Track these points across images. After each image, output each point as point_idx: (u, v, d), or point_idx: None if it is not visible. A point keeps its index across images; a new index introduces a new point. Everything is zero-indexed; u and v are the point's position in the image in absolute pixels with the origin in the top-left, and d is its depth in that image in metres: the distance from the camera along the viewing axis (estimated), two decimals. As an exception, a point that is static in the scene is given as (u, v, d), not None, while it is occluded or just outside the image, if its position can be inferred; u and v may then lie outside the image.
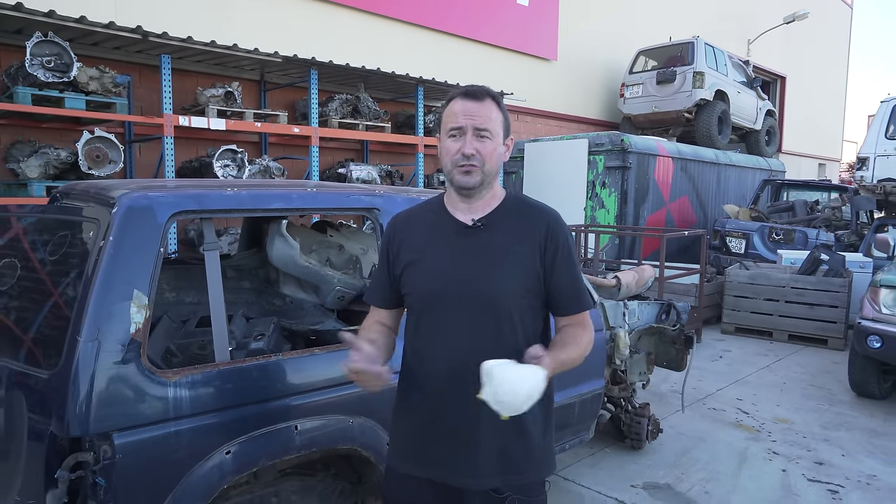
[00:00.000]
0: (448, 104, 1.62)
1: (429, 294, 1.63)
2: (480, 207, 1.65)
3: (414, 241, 1.69)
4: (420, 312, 1.67)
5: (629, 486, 3.55)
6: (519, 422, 1.52)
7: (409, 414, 1.69)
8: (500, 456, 1.59)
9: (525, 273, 1.60)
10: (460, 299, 1.59)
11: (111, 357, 1.80)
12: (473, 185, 1.59)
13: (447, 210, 1.68)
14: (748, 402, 5.01)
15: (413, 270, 1.66)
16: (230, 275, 2.94)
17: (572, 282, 1.65)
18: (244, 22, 7.14)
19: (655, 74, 11.31)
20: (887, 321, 4.76)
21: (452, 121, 1.58)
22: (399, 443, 1.73)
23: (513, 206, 1.67)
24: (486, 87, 1.64)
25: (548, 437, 1.70)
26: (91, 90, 5.20)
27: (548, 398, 1.70)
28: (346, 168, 7.09)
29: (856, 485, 3.62)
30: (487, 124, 1.57)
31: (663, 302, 3.99)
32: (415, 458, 1.67)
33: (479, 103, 1.58)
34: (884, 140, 8.34)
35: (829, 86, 21.25)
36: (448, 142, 1.60)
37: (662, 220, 9.41)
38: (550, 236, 1.62)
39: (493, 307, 1.58)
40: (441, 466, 1.62)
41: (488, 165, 1.59)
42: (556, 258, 1.62)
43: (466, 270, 1.60)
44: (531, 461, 1.63)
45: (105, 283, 1.82)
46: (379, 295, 1.77)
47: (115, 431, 1.79)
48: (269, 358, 2.13)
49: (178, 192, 2.04)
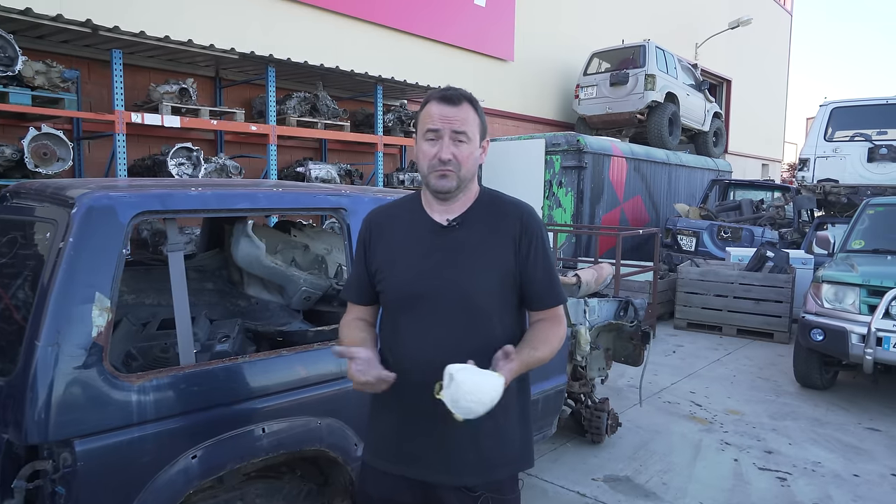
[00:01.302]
0: (425, 106, 1.61)
1: (403, 292, 1.64)
2: (456, 208, 1.65)
3: (390, 238, 1.69)
4: (395, 310, 1.67)
5: (590, 479, 3.63)
6: (494, 418, 1.54)
7: (385, 411, 1.69)
8: (476, 453, 1.61)
9: (501, 269, 1.61)
10: (436, 297, 1.60)
11: (72, 361, 1.75)
12: (450, 189, 1.60)
13: (424, 209, 1.68)
14: (701, 394, 5.19)
15: (388, 269, 1.66)
16: (192, 276, 2.87)
17: (546, 275, 1.65)
18: (199, 17, 6.97)
19: (609, 76, 11.55)
20: (829, 315, 4.99)
21: (429, 123, 1.57)
22: (375, 440, 1.73)
23: (487, 203, 1.68)
24: (462, 89, 1.64)
25: (525, 430, 1.71)
26: (37, 85, 5.01)
27: (524, 392, 1.73)
28: (305, 167, 7.01)
29: (802, 471, 3.79)
30: (464, 127, 1.57)
31: (621, 299, 4.09)
32: (390, 455, 1.67)
33: (455, 107, 1.57)
34: (823, 142, 8.73)
35: (771, 89, 22.12)
36: (425, 145, 1.59)
37: (617, 219, 9.63)
38: (524, 230, 1.63)
39: (468, 305, 1.59)
40: (417, 463, 1.62)
41: (465, 169, 1.59)
42: (529, 252, 1.63)
43: (442, 269, 1.61)
44: (507, 457, 1.65)
45: (65, 285, 1.77)
46: (356, 291, 1.77)
47: (77, 438, 1.74)
48: (234, 360, 2.10)
49: (141, 192, 1.99)
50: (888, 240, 5.80)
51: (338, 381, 2.29)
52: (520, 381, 1.68)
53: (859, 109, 8.67)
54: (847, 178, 8.51)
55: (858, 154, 8.40)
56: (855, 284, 4.93)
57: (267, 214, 2.34)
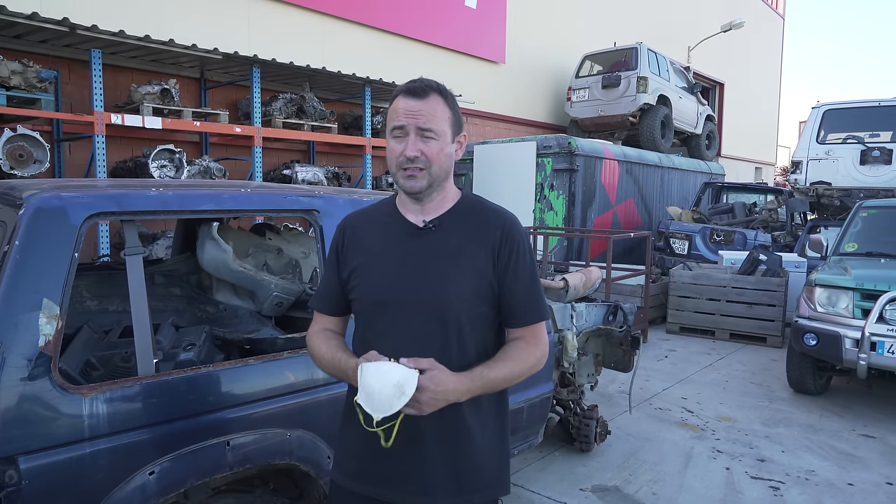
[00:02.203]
0: (392, 101, 1.51)
1: (375, 298, 1.53)
2: (432, 209, 1.55)
3: (363, 242, 1.58)
4: (367, 318, 1.57)
5: (578, 489, 3.52)
6: (468, 438, 1.45)
7: (353, 426, 1.56)
8: (449, 473, 1.50)
9: (477, 278, 1.50)
10: (407, 305, 1.49)
11: (16, 373, 1.64)
12: (419, 189, 1.49)
13: (399, 211, 1.58)
14: (692, 400, 5.09)
15: (360, 273, 1.56)
16: (159, 281, 2.77)
17: (526, 289, 1.53)
18: (182, 16, 6.86)
19: (601, 79, 11.51)
20: (822, 319, 4.91)
21: (395, 119, 1.47)
22: (342, 457, 1.62)
23: (467, 208, 1.57)
24: (432, 80, 1.52)
25: (502, 453, 1.60)
26: (13, 85, 4.89)
27: (502, 413, 1.61)
28: (292, 169, 6.91)
29: (795, 480, 3.70)
30: (431, 123, 1.46)
31: (610, 303, 3.99)
32: (358, 474, 1.56)
33: (421, 101, 1.46)
34: (815, 144, 8.69)
35: (763, 92, 22.16)
36: (392, 143, 1.49)
37: (609, 221, 9.55)
38: (505, 240, 1.51)
39: (441, 314, 1.48)
40: (386, 485, 1.52)
41: (435, 167, 1.48)
42: (509, 263, 1.51)
43: (415, 274, 1.50)
44: (483, 479, 1.54)
45: (9, 291, 1.66)
46: (325, 300, 1.65)
47: (21, 455, 1.63)
48: (198, 370, 1.99)
49: (95, 193, 1.88)
50: (882, 243, 5.73)
51: (309, 391, 2.19)
52: (497, 400, 1.57)
53: (851, 111, 8.64)
54: (840, 180, 8.47)
55: (851, 156, 8.37)
56: (848, 288, 4.85)
57: (234, 216, 2.23)
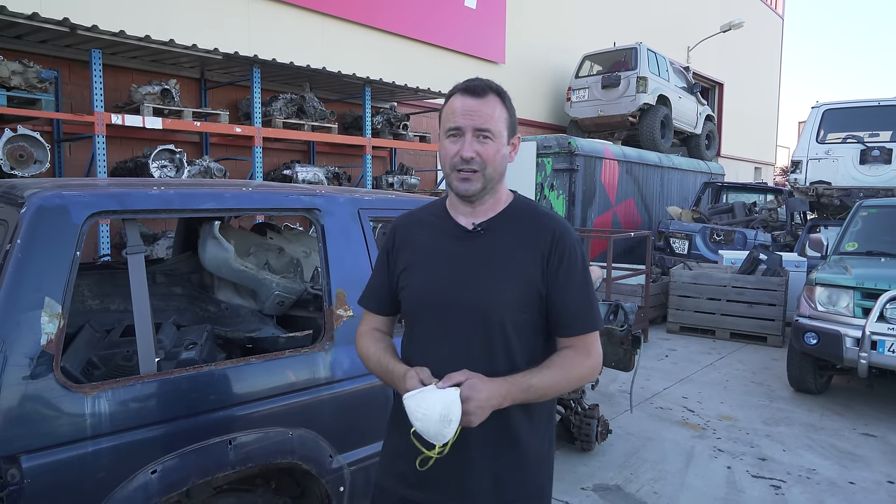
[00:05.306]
0: (448, 100, 1.48)
1: (422, 300, 1.52)
2: (483, 212, 1.52)
3: (413, 244, 1.57)
4: (414, 319, 1.56)
5: (580, 488, 3.52)
6: (514, 446, 1.45)
7: (398, 428, 1.54)
8: (494, 482, 1.47)
9: (524, 284, 1.46)
10: (453, 307, 1.47)
11: (18, 372, 1.64)
12: (474, 192, 1.46)
13: (449, 213, 1.56)
14: (693, 400, 5.09)
15: (408, 275, 1.55)
16: (160, 280, 2.76)
17: (576, 298, 1.48)
18: (182, 17, 6.85)
19: (601, 79, 11.51)
20: (823, 318, 4.91)
21: (451, 120, 1.44)
22: (387, 458, 1.62)
23: (518, 212, 1.54)
24: (489, 81, 1.48)
25: (549, 466, 1.57)
26: (14, 85, 4.88)
27: (553, 422, 1.60)
28: (292, 169, 6.90)
29: (797, 479, 3.70)
30: (489, 124, 1.43)
31: (611, 303, 4.00)
32: (400, 476, 1.55)
33: (480, 100, 1.43)
34: (815, 144, 8.70)
35: (763, 93, 22.16)
36: (446, 143, 1.46)
37: (609, 221, 9.56)
38: (556, 245, 1.47)
39: (486, 318, 1.45)
40: (429, 489, 1.50)
41: (490, 169, 1.44)
42: (559, 269, 1.46)
43: (462, 277, 1.48)
44: (525, 490, 1.51)
45: (12, 290, 1.66)
46: (374, 300, 1.65)
47: (23, 454, 1.63)
48: (200, 368, 1.99)
49: (96, 191, 1.88)
50: (882, 242, 5.73)
51: (310, 389, 2.19)
52: (549, 411, 1.57)
53: (851, 111, 8.64)
54: (839, 180, 8.47)
55: (851, 156, 8.37)
56: (849, 287, 4.86)
57: (235, 215, 2.23)
